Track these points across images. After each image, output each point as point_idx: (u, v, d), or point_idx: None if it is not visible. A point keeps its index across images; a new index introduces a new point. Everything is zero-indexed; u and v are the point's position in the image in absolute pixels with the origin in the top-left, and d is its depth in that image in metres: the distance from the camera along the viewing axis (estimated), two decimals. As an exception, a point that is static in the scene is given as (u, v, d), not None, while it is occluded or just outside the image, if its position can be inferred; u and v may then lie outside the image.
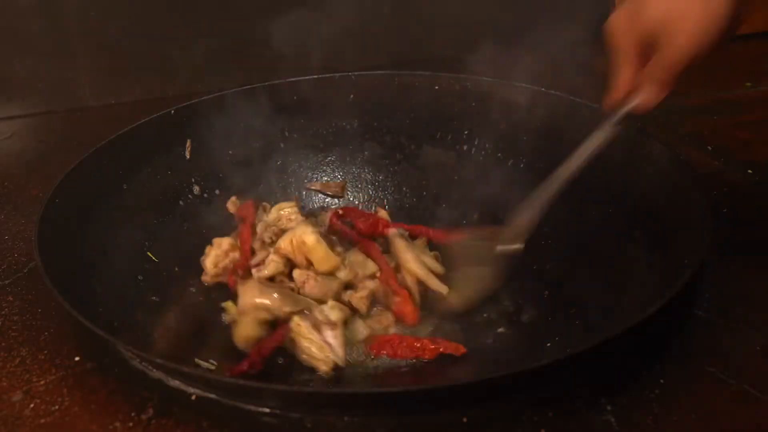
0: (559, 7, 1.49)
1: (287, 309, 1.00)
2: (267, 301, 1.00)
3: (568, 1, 1.51)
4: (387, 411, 0.86)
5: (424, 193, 1.32)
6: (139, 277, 1.09)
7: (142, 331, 0.99)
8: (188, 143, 1.26)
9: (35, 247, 0.97)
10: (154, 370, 0.91)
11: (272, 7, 1.33)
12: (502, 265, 1.08)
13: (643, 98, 0.99)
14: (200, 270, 1.16)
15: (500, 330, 1.05)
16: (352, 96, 1.35)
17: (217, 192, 1.28)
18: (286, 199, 1.26)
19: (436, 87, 1.32)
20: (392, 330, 1.05)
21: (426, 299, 1.10)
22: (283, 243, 1.08)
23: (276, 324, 1.00)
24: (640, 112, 1.01)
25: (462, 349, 0.99)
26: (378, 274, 1.09)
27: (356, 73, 1.36)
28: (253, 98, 1.31)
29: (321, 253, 1.06)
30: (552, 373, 0.86)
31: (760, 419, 0.84)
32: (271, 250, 1.11)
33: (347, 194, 1.35)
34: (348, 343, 1.01)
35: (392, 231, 1.15)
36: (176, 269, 1.15)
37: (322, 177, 1.36)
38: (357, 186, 1.36)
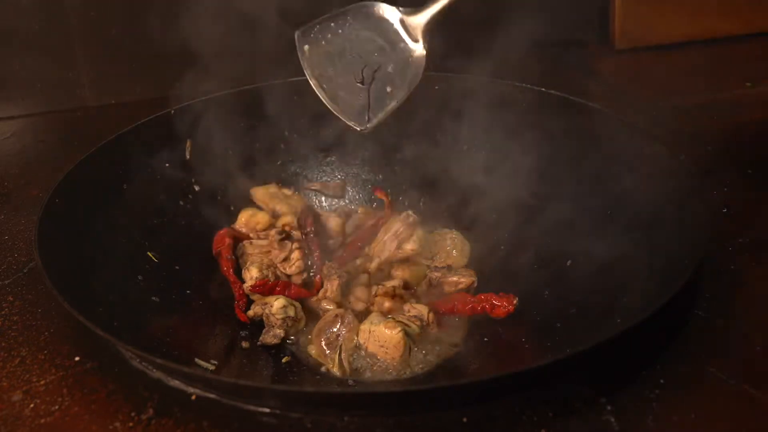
0: (559, 7, 1.49)
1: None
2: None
3: (569, 1, 1.52)
4: (387, 411, 0.86)
5: (424, 193, 1.32)
6: (139, 277, 1.09)
7: (142, 331, 0.99)
8: (188, 143, 1.26)
9: (35, 247, 0.97)
10: (154, 370, 0.91)
11: (272, 7, 1.33)
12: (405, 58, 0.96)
13: None
14: (200, 270, 1.16)
15: (500, 330, 1.05)
16: (352, 96, 1.35)
17: (217, 192, 1.28)
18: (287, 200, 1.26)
19: (436, 87, 1.32)
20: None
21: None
22: (362, 336, 1.02)
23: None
24: None
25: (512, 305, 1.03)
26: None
27: (356, 73, 1.36)
28: (253, 98, 1.31)
29: (401, 346, 1.01)
30: (552, 373, 0.86)
31: (760, 419, 0.84)
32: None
33: (347, 194, 1.35)
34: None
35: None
36: (176, 269, 1.15)
37: (322, 177, 1.36)
38: (357, 186, 1.36)
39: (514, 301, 1.04)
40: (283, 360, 1.02)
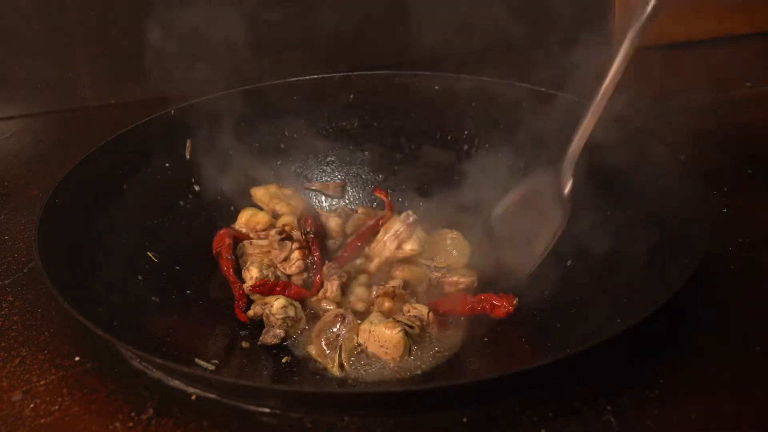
0: (559, 7, 1.49)
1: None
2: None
3: (568, 1, 1.51)
4: (387, 411, 0.86)
5: (424, 193, 1.32)
6: (139, 277, 1.09)
7: (142, 331, 0.99)
8: (188, 143, 1.26)
9: (35, 247, 0.97)
10: (154, 370, 0.91)
11: (272, 7, 1.33)
12: (559, 204, 1.08)
13: None
14: (200, 270, 1.16)
15: (500, 329, 1.05)
16: (352, 96, 1.35)
17: (217, 192, 1.28)
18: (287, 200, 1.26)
19: (436, 87, 1.32)
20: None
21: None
22: (362, 333, 1.03)
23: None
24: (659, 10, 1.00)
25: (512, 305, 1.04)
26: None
27: (356, 73, 1.36)
28: (253, 98, 1.31)
29: (401, 346, 1.01)
30: (552, 373, 0.86)
31: (760, 420, 0.84)
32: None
33: (347, 194, 1.35)
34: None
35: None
36: (176, 269, 1.15)
37: (322, 177, 1.36)
38: (357, 186, 1.36)
39: (514, 301, 1.04)
40: (283, 360, 1.02)
